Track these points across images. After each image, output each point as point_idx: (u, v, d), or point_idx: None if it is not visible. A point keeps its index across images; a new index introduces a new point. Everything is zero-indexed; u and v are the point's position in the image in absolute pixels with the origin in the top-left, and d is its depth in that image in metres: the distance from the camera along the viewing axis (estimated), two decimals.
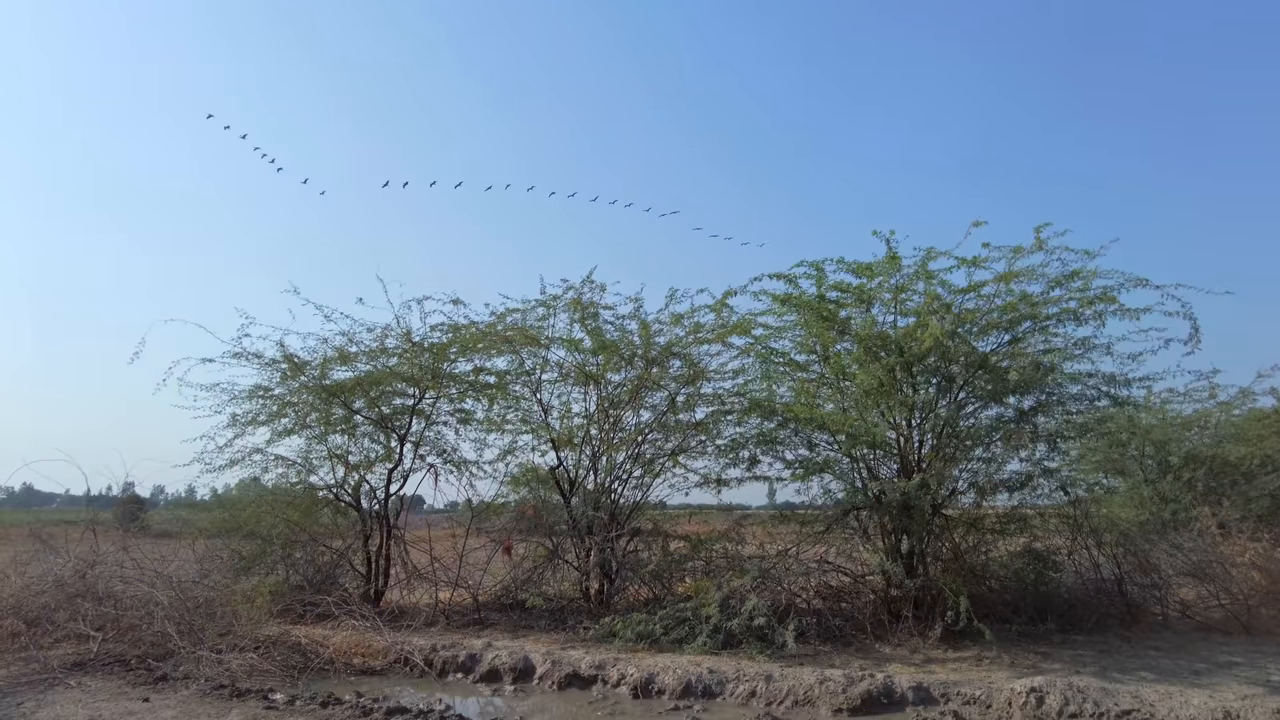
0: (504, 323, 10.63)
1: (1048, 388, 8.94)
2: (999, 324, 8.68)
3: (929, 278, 8.77)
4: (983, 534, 9.35)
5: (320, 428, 11.27)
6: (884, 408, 8.56)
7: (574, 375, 10.79)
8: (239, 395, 10.92)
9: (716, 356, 10.35)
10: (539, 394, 11.00)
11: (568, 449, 10.66)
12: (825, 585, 9.55)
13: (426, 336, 10.94)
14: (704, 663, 7.13)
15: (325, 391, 10.69)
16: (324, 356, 10.80)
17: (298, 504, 11.21)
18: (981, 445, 8.82)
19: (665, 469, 10.61)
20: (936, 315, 8.34)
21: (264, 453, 11.07)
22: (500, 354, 10.94)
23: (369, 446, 11.62)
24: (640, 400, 10.32)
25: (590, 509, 10.10)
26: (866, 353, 8.40)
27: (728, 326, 9.76)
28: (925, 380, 8.94)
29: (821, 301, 8.83)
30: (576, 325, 10.49)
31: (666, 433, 10.54)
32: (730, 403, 10.49)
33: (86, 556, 9.83)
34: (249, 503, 11.16)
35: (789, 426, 9.88)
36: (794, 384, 10.27)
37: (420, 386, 10.99)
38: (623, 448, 10.42)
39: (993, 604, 8.71)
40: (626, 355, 10.15)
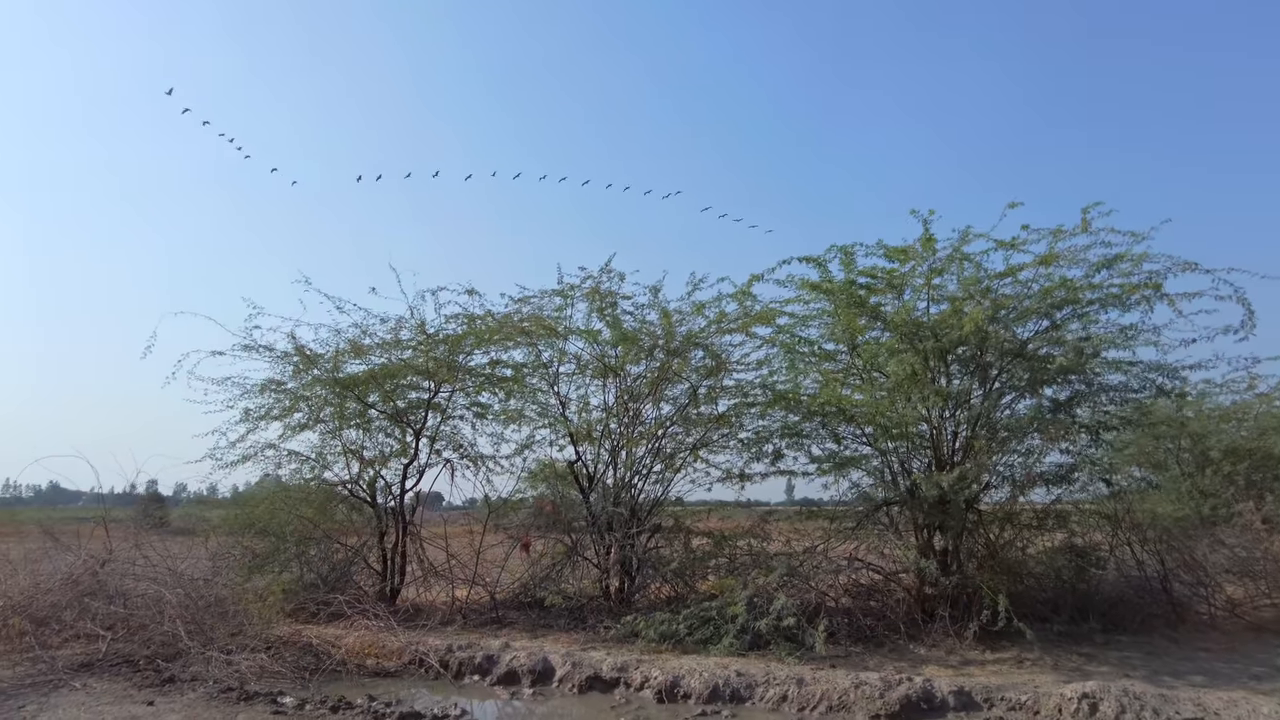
0: (520, 313, 10.33)
1: (1087, 377, 8.56)
2: (1036, 310, 8.27)
3: (964, 261, 8.38)
4: (1019, 530, 8.97)
5: (334, 422, 11.03)
6: (917, 399, 8.17)
7: (592, 367, 10.49)
8: (251, 389, 10.70)
9: (739, 347, 10.01)
10: (556, 386, 10.71)
11: (586, 443, 10.36)
12: (854, 583, 9.21)
13: (441, 328, 10.68)
14: (731, 665, 6.81)
15: (339, 385, 10.44)
16: (337, 349, 10.55)
17: (312, 500, 10.98)
18: (1020, 437, 8.42)
19: (686, 464, 10.31)
20: (974, 300, 7.96)
21: (277, 448, 10.84)
22: (517, 346, 10.65)
23: (384, 441, 11.38)
24: (661, 393, 9.98)
25: (610, 505, 9.79)
26: (902, 340, 8.01)
27: (752, 315, 9.39)
28: (959, 370, 8.56)
29: (851, 287, 8.46)
30: (595, 316, 10.16)
31: (688, 426, 10.22)
32: (753, 395, 10.16)
33: (98, 554, 9.65)
34: (262, 499, 10.94)
35: (814, 419, 9.56)
36: (820, 375, 9.93)
37: (435, 379, 10.73)
38: (643, 442, 10.10)
39: (1031, 603, 8.33)
40: (647, 346, 9.82)
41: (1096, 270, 8.15)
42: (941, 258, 8.37)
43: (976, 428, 8.66)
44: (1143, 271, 7.87)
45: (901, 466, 9.10)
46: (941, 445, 8.85)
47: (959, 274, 8.40)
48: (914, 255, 8.33)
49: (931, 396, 7.87)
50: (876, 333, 9.18)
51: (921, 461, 9.09)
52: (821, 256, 8.41)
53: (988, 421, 8.66)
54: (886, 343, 8.77)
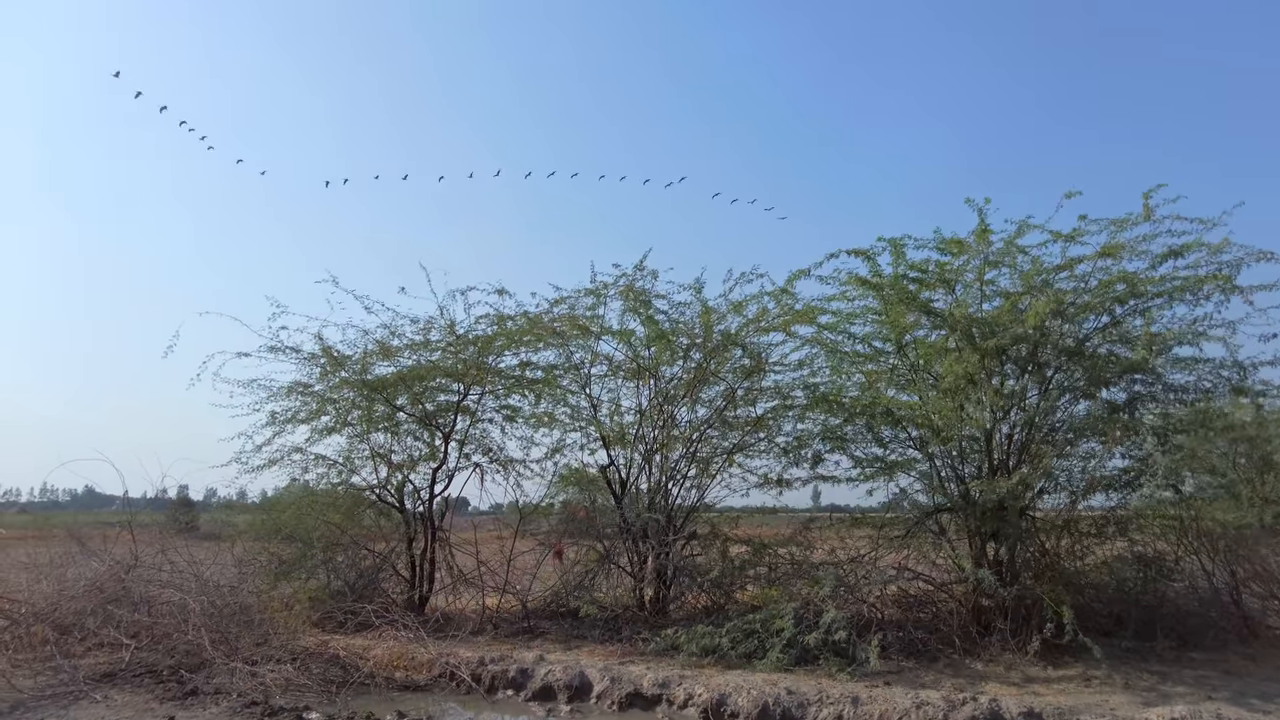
0: (552, 313, 10.02)
1: (1152, 376, 8.08)
2: (1096, 305, 7.80)
3: (1021, 254, 7.93)
4: (1077, 538, 8.50)
5: (362, 426, 10.79)
6: (976, 400, 7.73)
7: (625, 369, 10.15)
8: (277, 392, 10.48)
9: (778, 347, 9.61)
10: (588, 388, 10.38)
11: (619, 447, 10.01)
12: (903, 594, 8.76)
13: (471, 329, 10.39)
14: (780, 682, 6.41)
15: (367, 387, 10.19)
16: (365, 350, 10.31)
17: (339, 505, 10.74)
18: (1080, 440, 7.95)
19: (722, 469, 9.94)
20: (1032, 294, 7.52)
21: (304, 452, 10.63)
22: (548, 347, 10.34)
23: (412, 445, 11.13)
24: (697, 394, 9.62)
25: (645, 511, 9.42)
26: (961, 338, 7.56)
27: (793, 313, 8.99)
28: (1013, 370, 8.11)
29: (901, 282, 8.04)
30: (629, 315, 9.81)
31: (725, 429, 9.85)
32: (793, 397, 9.78)
33: (124, 560, 9.47)
34: (289, 504, 10.71)
35: (857, 422, 9.16)
36: (863, 376, 9.52)
37: (465, 382, 10.45)
38: (678, 445, 9.75)
39: (1092, 616, 7.84)
40: (684, 346, 9.45)
41: (1161, 261, 7.67)
42: (996, 250, 7.92)
43: (1032, 430, 8.21)
44: (1213, 262, 7.37)
45: (952, 471, 8.66)
46: (994, 449, 8.42)
47: (1014, 268, 7.95)
48: (967, 248, 7.89)
49: (991, 397, 7.42)
50: (924, 331, 8.78)
51: (971, 466, 8.66)
52: (870, 249, 8.00)
53: (1045, 424, 8.21)
54: (938, 341, 8.35)
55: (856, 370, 9.56)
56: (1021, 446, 8.32)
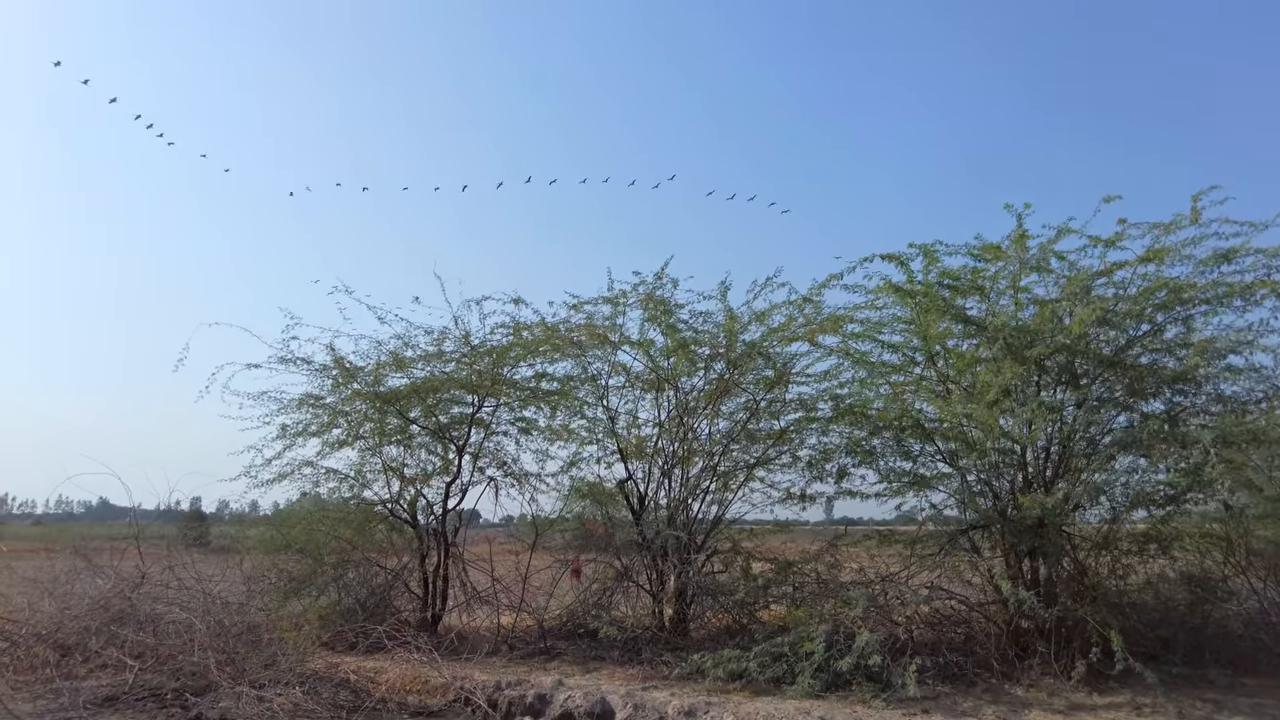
0: (569, 322, 9.76)
1: (1197, 386, 7.74)
2: (1136, 313, 7.47)
3: (1058, 259, 7.61)
4: (1117, 556, 8.13)
5: (374, 439, 10.55)
6: (1014, 411, 7.39)
7: (643, 380, 9.86)
8: (288, 404, 10.25)
9: (802, 357, 9.30)
10: (605, 400, 10.09)
11: (638, 460, 9.72)
12: (935, 614, 8.40)
13: (486, 339, 10.14)
14: (813, 709, 6.07)
15: (379, 399, 9.95)
16: (378, 361, 10.07)
17: (350, 520, 10.49)
18: (1122, 453, 7.60)
19: (744, 484, 9.63)
20: (1070, 301, 7.20)
21: (315, 466, 10.38)
22: (565, 357, 10.07)
23: (426, 459, 10.88)
24: (718, 407, 9.31)
25: (665, 527, 9.11)
26: (1004, 347, 7.22)
27: (819, 322, 8.68)
28: (1053, 380, 7.77)
29: (930, 290, 7.72)
30: (648, 324, 9.52)
31: (747, 443, 9.54)
32: (817, 409, 9.47)
33: (130, 576, 9.23)
34: (299, 519, 10.46)
35: (884, 434, 8.85)
36: (890, 387, 9.21)
37: (479, 393, 10.19)
38: (699, 459, 9.44)
39: (1137, 638, 7.45)
40: (708, 354, 9.15)
41: (1208, 266, 7.33)
42: (1033, 256, 7.60)
43: (1071, 443, 7.87)
44: (1266, 266, 7.03)
45: (986, 486, 8.33)
46: (1029, 463, 8.09)
47: (1051, 273, 7.63)
48: (1003, 254, 7.58)
49: (1033, 409, 7.08)
50: (954, 340, 8.48)
51: (1004, 481, 8.33)
52: (903, 255, 7.68)
53: (1084, 436, 7.87)
54: (969, 351, 8.04)
55: (883, 381, 9.26)
56: (1059, 460, 8.00)
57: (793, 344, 9.25)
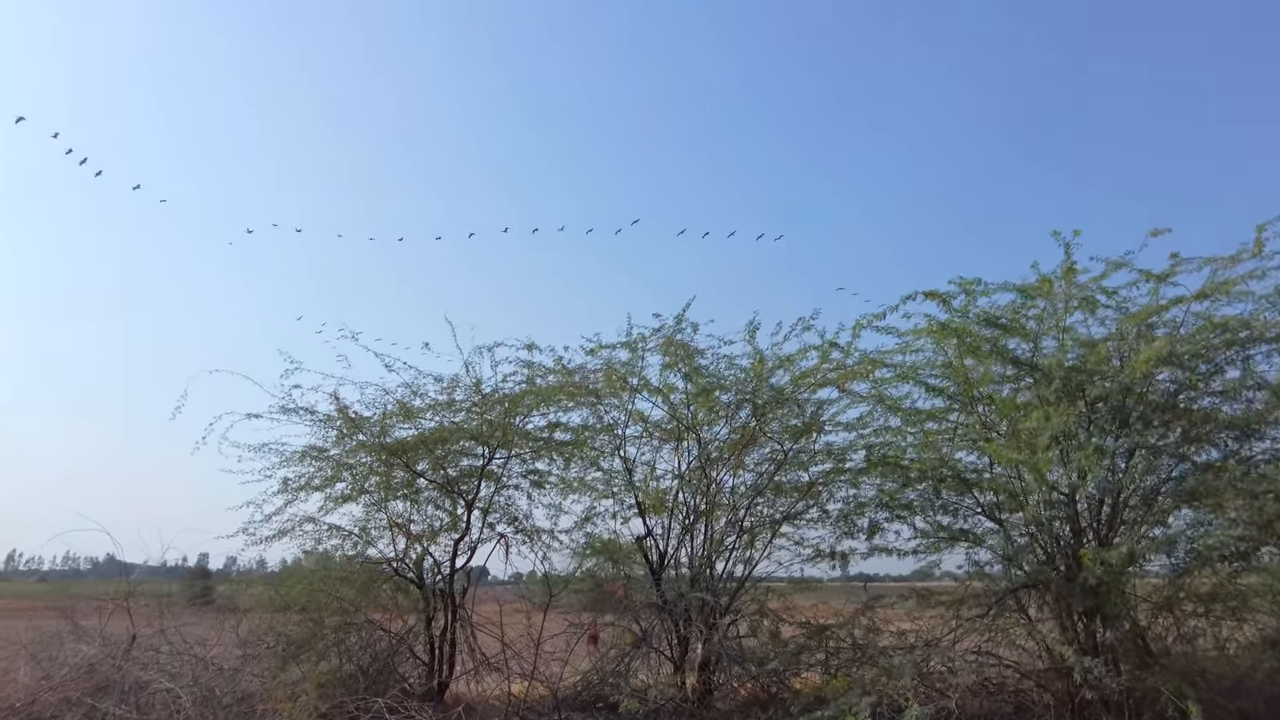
0: (585, 369, 9.30)
1: (1259, 433, 7.19)
2: (1195, 352, 6.96)
3: (1106, 295, 7.14)
4: (1182, 617, 7.48)
5: (380, 493, 10.02)
6: (1069, 459, 6.84)
7: (663, 429, 9.35)
8: (290, 457, 9.76)
9: (831, 404, 8.78)
10: (622, 451, 9.56)
11: (657, 514, 9.15)
12: (986, 684, 7.72)
13: (498, 387, 9.68)
14: None
15: (385, 451, 9.45)
16: (384, 411, 9.60)
17: (354, 580, 9.91)
18: (1188, 503, 7.02)
19: (771, 541, 9.06)
20: (1125, 340, 6.70)
21: (317, 522, 9.83)
22: (580, 405, 9.59)
23: (433, 514, 10.32)
24: (743, 457, 8.78)
25: (688, 587, 8.50)
26: (1060, 389, 6.69)
27: (852, 367, 8.19)
28: (1106, 424, 7.24)
29: (970, 330, 7.23)
30: (668, 370, 9.04)
31: (774, 496, 8.99)
32: (848, 459, 8.95)
33: (119, 639, 8.69)
34: (300, 578, 9.89)
35: (917, 486, 8.34)
36: (920, 434, 8.70)
37: (490, 444, 9.70)
38: (723, 514, 8.88)
39: (1215, 710, 6.75)
40: (734, 401, 8.64)
41: (1271, 303, 6.84)
42: (1080, 292, 7.13)
43: (1125, 493, 7.30)
44: None
45: (1032, 540, 7.74)
46: (1079, 515, 7.51)
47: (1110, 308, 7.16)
48: (1050, 291, 7.11)
49: (1088, 456, 6.53)
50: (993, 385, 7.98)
51: (1051, 534, 7.74)
52: (946, 292, 7.21)
53: (1140, 486, 7.30)
54: (1009, 396, 7.53)
55: (916, 429, 8.75)
56: (1111, 512, 7.42)
57: (820, 390, 8.77)
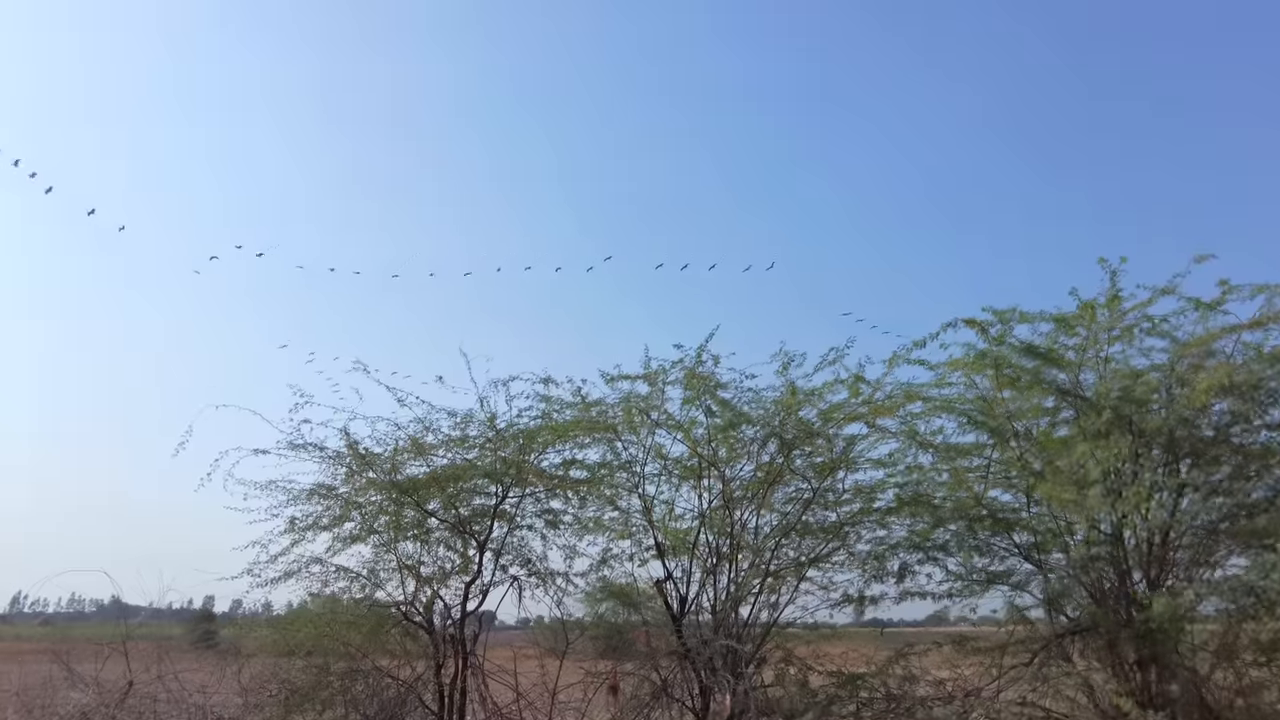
0: (604, 402, 8.99)
1: None
2: (1254, 383, 6.61)
3: (1150, 322, 6.82)
4: (1242, 668, 7.02)
5: (389, 533, 9.67)
6: (1117, 495, 6.46)
7: (683, 466, 9.00)
8: (298, 495, 9.43)
9: (860, 440, 8.43)
10: (641, 489, 9.19)
11: (681, 556, 8.76)
12: None
13: (513, 422, 9.36)
14: None
15: (396, 489, 9.12)
16: (395, 447, 9.29)
17: (361, 624, 9.52)
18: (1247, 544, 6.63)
19: (797, 585, 8.66)
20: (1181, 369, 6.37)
21: (324, 563, 9.48)
22: (598, 442, 9.25)
23: (444, 556, 9.96)
24: (770, 496, 8.42)
25: (711, 633, 8.08)
26: (1115, 420, 6.33)
27: (885, 399, 7.86)
28: (1157, 459, 6.87)
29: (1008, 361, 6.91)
30: (688, 405, 8.70)
31: (800, 538, 8.60)
32: (878, 497, 8.58)
33: (116, 686, 8.31)
34: (305, 621, 9.51)
35: (949, 526, 8.00)
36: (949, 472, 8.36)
37: (503, 483, 9.36)
38: (748, 556, 8.49)
39: None
40: (758, 437, 8.29)
41: None
42: (1124, 319, 6.82)
43: (1177, 533, 6.91)
44: None
45: (1077, 583, 7.34)
46: (1127, 555, 7.11)
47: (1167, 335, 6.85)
48: (1092, 319, 6.79)
49: (1141, 491, 6.15)
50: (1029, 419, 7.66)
51: (1095, 577, 7.33)
52: (985, 321, 6.88)
53: (1191, 525, 6.91)
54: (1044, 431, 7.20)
55: (949, 466, 8.41)
56: (1162, 552, 7.02)
57: (846, 425, 8.42)
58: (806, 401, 8.40)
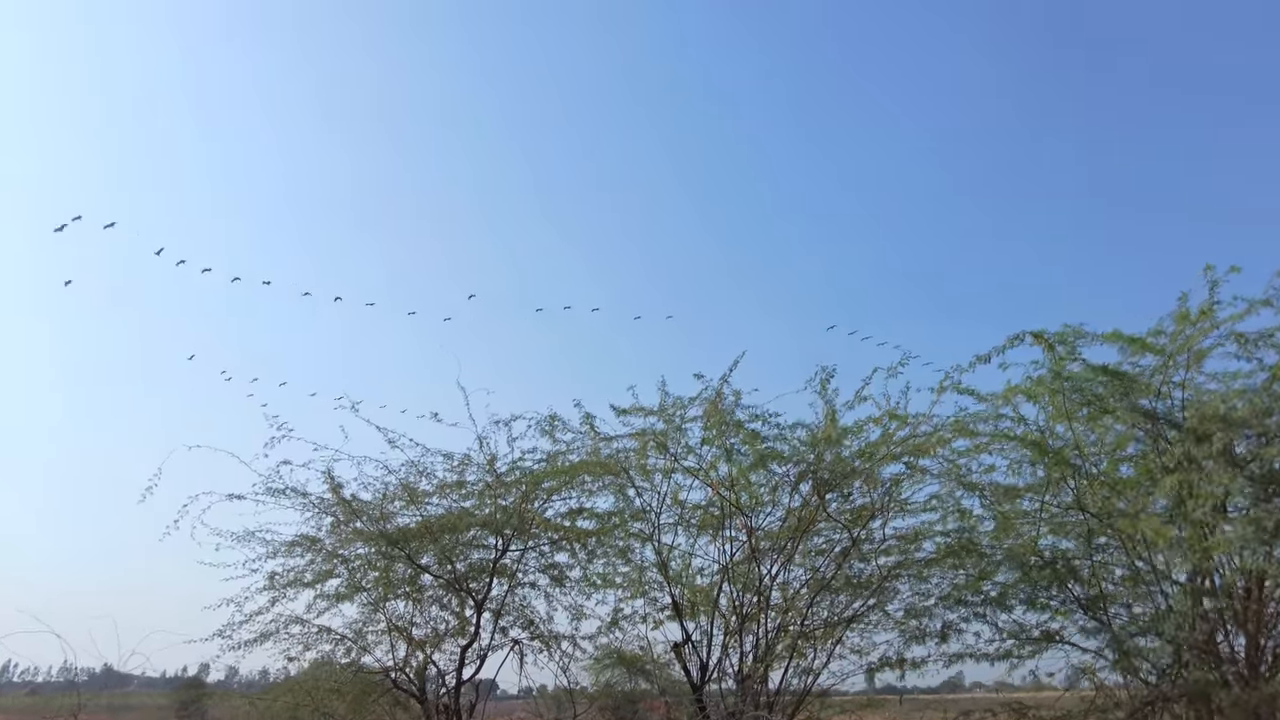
0: (611, 444, 8.17)
1: None
2: None
3: (1237, 344, 6.03)
4: None
5: (379, 590, 8.78)
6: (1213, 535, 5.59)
7: (705, 512, 8.14)
8: (278, 548, 8.58)
9: (902, 482, 7.55)
10: (656, 540, 8.30)
11: (701, 616, 7.86)
12: None
13: (516, 464, 8.55)
14: None
15: (386, 540, 8.25)
16: (384, 492, 8.45)
17: (345, 692, 8.57)
18: None
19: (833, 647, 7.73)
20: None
21: (306, 624, 8.57)
22: (608, 487, 8.42)
23: (438, 616, 9.04)
24: (801, 543, 7.53)
25: (740, 702, 7.13)
26: (1222, 450, 5.46)
27: (934, 431, 7.02)
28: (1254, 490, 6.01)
29: (1087, 379, 6.09)
30: (711, 445, 7.85)
31: (834, 594, 7.71)
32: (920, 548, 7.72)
33: None
34: (284, 690, 8.56)
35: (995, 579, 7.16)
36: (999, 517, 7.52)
37: (504, 535, 8.51)
38: (777, 615, 7.58)
39: None
40: (792, 475, 7.43)
41: None
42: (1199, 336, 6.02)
43: (1274, 582, 6.03)
44: None
45: (1160, 637, 6.41)
46: (1222, 609, 6.21)
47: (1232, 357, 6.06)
48: (1183, 327, 5.98)
49: (1250, 526, 5.27)
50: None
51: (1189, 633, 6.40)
52: (1052, 337, 6.04)
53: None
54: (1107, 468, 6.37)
55: (993, 511, 7.56)
56: (1258, 606, 6.11)
57: (888, 465, 7.57)
58: (844, 438, 7.57)
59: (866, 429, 7.45)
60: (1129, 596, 6.78)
